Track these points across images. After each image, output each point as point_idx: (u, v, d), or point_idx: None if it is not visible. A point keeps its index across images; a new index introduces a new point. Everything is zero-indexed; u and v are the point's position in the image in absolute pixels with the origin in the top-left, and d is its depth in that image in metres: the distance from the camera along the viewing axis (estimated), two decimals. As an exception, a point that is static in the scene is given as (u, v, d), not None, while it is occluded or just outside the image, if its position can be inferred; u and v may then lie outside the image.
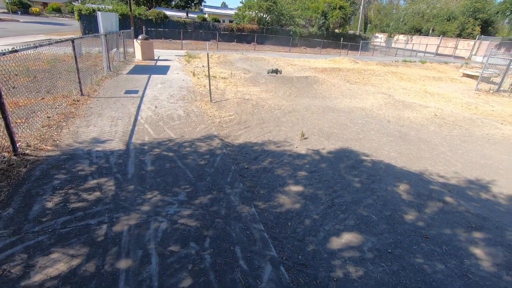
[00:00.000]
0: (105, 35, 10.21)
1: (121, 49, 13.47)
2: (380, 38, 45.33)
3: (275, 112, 8.23)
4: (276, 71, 12.99)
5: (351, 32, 40.07)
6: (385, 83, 15.24)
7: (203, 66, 13.77)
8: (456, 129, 8.67)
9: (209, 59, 9.24)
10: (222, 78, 11.78)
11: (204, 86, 9.78)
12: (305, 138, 6.41)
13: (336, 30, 35.38)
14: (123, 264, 2.60)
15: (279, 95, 10.46)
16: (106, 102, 7.24)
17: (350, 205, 4.04)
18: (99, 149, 4.75)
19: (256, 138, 6.23)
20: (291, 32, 31.71)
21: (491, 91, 14.87)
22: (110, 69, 10.76)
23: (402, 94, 13.07)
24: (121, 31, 13.23)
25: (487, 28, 37.99)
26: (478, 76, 16.09)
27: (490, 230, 3.80)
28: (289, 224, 3.53)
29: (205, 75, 11.49)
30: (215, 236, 3.07)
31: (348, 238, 3.39)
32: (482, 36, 34.98)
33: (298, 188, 4.35)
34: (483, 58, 26.28)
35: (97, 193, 3.58)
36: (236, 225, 3.28)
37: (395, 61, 25.03)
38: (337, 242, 3.30)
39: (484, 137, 8.08)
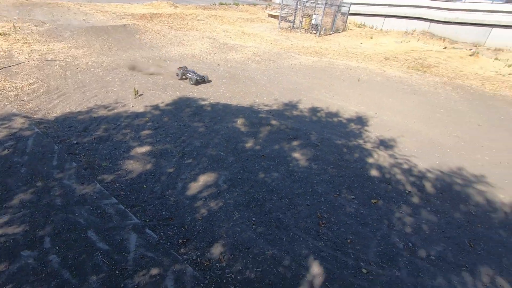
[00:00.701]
0: None
1: None
2: (194, -20, 44.38)
3: (96, 71, 6.97)
4: (202, 79, 7.16)
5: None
6: (208, 27, 15.62)
7: (-43, 19, 9.33)
8: (270, 63, 10.31)
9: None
10: (0, 34, 8.50)
11: (-29, 49, 6.82)
12: (140, 95, 5.91)
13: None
14: None
15: (96, 50, 8.80)
16: None
17: (200, 150, 4.26)
18: None
19: (79, 106, 5.19)
20: (90, -31, 25.70)
21: (289, 29, 18.22)
22: None
23: (225, 37, 13.92)
24: None
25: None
26: (278, 16, 19.10)
27: (301, 137, 5.06)
28: (145, 186, 3.39)
29: (-34, 32, 7.91)
30: (56, 231, 2.57)
31: (204, 179, 3.65)
32: (276, -21, 40.71)
33: (145, 149, 4.12)
34: (280, -1, 30.99)
35: None
36: (82, 210, 2.84)
37: (213, 4, 25.66)
38: (195, 186, 3.50)
39: (289, 67, 10.08)
